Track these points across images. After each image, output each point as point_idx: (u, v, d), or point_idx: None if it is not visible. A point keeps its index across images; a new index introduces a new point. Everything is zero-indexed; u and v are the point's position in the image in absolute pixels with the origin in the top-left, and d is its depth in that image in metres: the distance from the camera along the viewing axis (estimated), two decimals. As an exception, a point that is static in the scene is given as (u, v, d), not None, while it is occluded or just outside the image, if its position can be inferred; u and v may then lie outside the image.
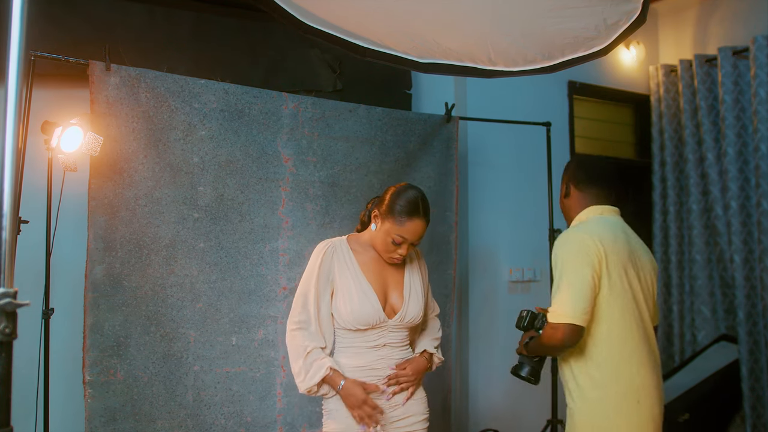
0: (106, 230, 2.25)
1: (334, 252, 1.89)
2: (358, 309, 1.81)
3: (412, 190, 1.86)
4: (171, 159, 2.38)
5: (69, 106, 2.41)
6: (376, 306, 1.83)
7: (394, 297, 1.90)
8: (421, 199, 1.84)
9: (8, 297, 0.85)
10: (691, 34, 4.13)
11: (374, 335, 1.85)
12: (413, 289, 1.93)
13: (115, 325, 2.25)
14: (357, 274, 1.87)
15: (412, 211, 1.81)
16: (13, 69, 0.87)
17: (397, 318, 1.87)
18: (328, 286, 1.87)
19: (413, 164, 2.93)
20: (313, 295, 1.85)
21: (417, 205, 1.82)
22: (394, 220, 1.82)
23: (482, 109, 3.39)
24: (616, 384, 1.82)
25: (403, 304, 1.89)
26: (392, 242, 1.83)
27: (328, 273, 1.87)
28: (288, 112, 2.62)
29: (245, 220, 2.51)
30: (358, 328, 1.83)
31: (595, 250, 1.81)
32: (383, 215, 1.86)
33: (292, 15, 1.44)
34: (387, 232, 1.84)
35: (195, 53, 2.87)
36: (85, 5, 2.69)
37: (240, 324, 2.46)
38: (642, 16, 1.86)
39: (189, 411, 2.35)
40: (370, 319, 1.82)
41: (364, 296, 1.83)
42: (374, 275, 1.89)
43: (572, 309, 1.76)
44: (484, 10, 1.80)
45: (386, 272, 1.93)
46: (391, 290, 1.91)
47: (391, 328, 1.87)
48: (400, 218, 1.81)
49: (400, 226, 1.81)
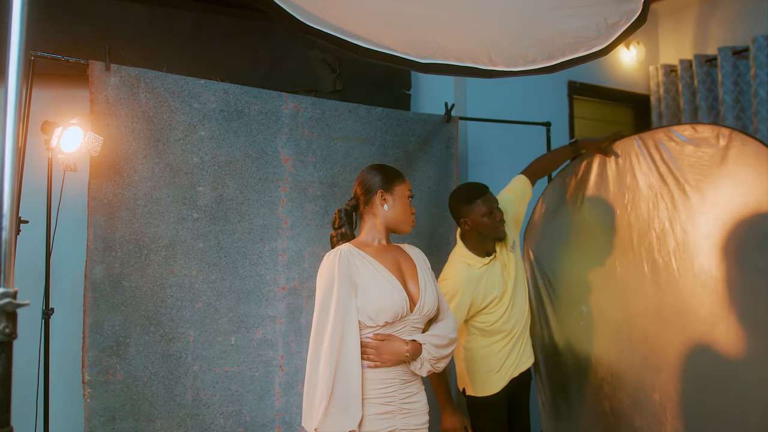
0: (106, 230, 2.25)
1: (348, 255, 1.84)
2: (387, 299, 1.79)
3: (378, 164, 2.05)
4: (171, 159, 2.38)
5: (69, 106, 2.41)
6: (402, 294, 1.82)
7: (413, 287, 1.89)
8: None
9: (8, 297, 0.85)
10: (691, 34, 4.13)
11: (396, 330, 1.82)
12: (427, 281, 1.92)
13: (114, 325, 2.25)
14: (378, 266, 1.85)
15: (399, 171, 2.02)
16: (13, 69, 0.87)
17: (417, 309, 1.85)
18: (352, 288, 1.80)
19: (413, 164, 2.93)
20: (333, 305, 1.78)
21: (394, 167, 2.05)
22: (399, 182, 1.96)
23: (482, 109, 3.39)
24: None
25: (421, 294, 1.87)
26: (409, 200, 1.97)
27: (349, 274, 1.81)
28: (287, 113, 2.62)
29: (244, 221, 2.51)
30: (386, 322, 1.80)
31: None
32: (389, 187, 1.94)
33: (292, 15, 1.44)
34: (402, 195, 1.95)
35: (195, 53, 2.87)
36: (85, 5, 2.69)
37: (239, 324, 2.46)
38: (642, 16, 1.86)
39: (188, 411, 2.35)
40: (399, 308, 1.80)
41: (391, 286, 1.82)
42: (392, 266, 1.89)
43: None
44: (484, 10, 1.81)
45: (401, 263, 1.93)
46: (409, 280, 1.90)
47: (411, 323, 1.85)
48: (401, 179, 1.98)
49: (404, 184, 1.98)
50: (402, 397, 1.84)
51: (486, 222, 2.35)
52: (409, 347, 1.81)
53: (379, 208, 1.92)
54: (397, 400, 1.83)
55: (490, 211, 2.36)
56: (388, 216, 1.92)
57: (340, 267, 1.80)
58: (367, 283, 1.81)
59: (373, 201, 1.93)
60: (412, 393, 1.87)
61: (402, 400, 1.84)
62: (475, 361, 2.46)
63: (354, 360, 1.76)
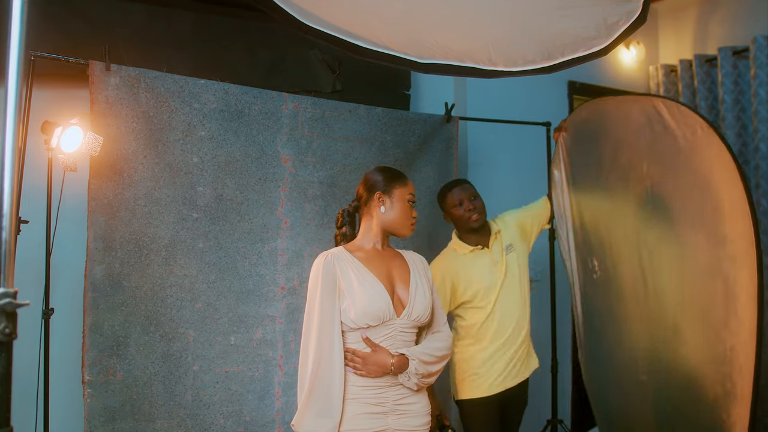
0: (106, 230, 2.25)
1: (335, 258, 1.85)
2: (369, 302, 1.78)
3: (383, 167, 2.04)
4: (170, 159, 2.39)
5: (69, 106, 2.41)
6: (386, 298, 1.81)
7: (401, 291, 1.88)
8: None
9: (8, 297, 0.85)
10: (691, 34, 4.13)
11: (383, 334, 1.81)
12: (419, 287, 1.90)
13: (114, 325, 2.25)
14: (363, 271, 1.85)
15: (402, 174, 2.00)
16: (13, 69, 0.87)
17: (405, 314, 1.84)
18: (335, 292, 1.82)
19: (413, 164, 2.93)
20: (317, 308, 1.80)
21: (399, 170, 2.03)
22: (400, 185, 1.94)
23: (482, 109, 3.39)
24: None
25: (410, 299, 1.86)
26: (409, 204, 1.94)
27: (333, 278, 1.82)
28: (287, 113, 2.62)
29: (244, 221, 2.51)
30: (369, 325, 1.79)
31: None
32: (388, 189, 1.93)
33: (292, 15, 1.44)
34: (401, 198, 1.93)
35: (195, 53, 2.87)
36: (85, 5, 2.69)
37: (239, 324, 2.46)
38: (642, 16, 1.86)
39: (188, 410, 2.35)
40: (381, 312, 1.79)
41: (373, 289, 1.81)
42: (380, 271, 1.87)
43: None
44: (484, 9, 1.81)
45: (392, 269, 1.91)
46: (398, 285, 1.89)
47: (399, 328, 1.83)
48: (402, 181, 1.96)
49: (405, 187, 1.95)
50: (395, 398, 1.83)
51: (456, 213, 2.50)
52: (395, 361, 1.79)
53: (377, 209, 1.92)
54: (390, 401, 1.82)
55: (460, 202, 2.49)
56: (384, 218, 1.92)
57: (324, 271, 1.83)
58: (351, 287, 1.81)
59: (371, 202, 1.93)
60: (406, 394, 1.85)
61: (396, 401, 1.83)
62: (460, 364, 2.48)
63: (336, 362, 1.77)
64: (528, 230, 2.68)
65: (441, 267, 2.47)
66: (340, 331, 1.80)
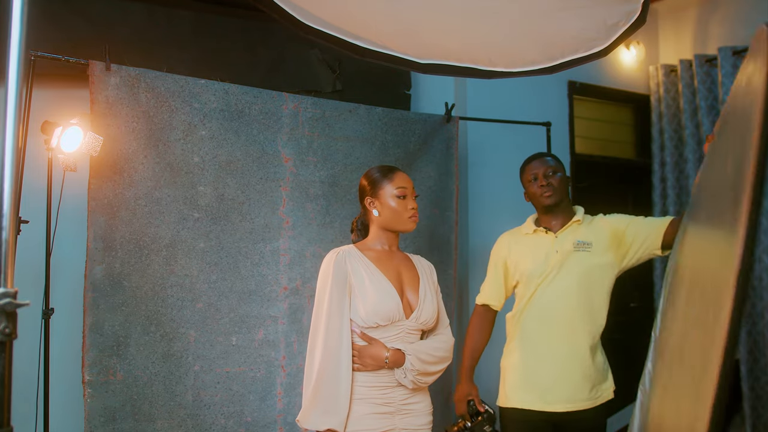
0: (106, 230, 2.25)
1: (346, 256, 1.87)
2: (380, 302, 1.81)
3: (369, 169, 2.03)
4: (171, 159, 2.39)
5: (69, 106, 2.42)
6: (396, 299, 1.83)
7: (411, 295, 1.90)
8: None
9: (8, 297, 0.85)
10: (691, 34, 4.13)
11: (392, 334, 1.83)
12: (428, 291, 1.94)
13: (114, 325, 2.25)
14: (374, 270, 1.87)
15: (391, 169, 1.97)
16: (13, 69, 0.87)
17: (413, 317, 1.86)
18: (346, 288, 1.84)
19: (413, 164, 2.93)
20: (326, 304, 1.81)
21: (390, 166, 2.01)
22: (384, 184, 1.93)
23: (482, 109, 3.39)
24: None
25: (419, 302, 1.88)
26: (399, 199, 1.91)
27: (344, 274, 1.84)
28: (288, 112, 2.62)
29: (245, 220, 2.51)
30: (378, 324, 1.81)
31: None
32: (374, 192, 1.93)
33: (292, 15, 1.44)
34: (389, 196, 1.92)
35: (195, 53, 2.87)
36: (84, 4, 2.69)
37: (240, 324, 2.46)
38: (642, 16, 1.86)
39: (189, 411, 2.35)
40: (391, 312, 1.81)
41: (384, 290, 1.83)
42: (389, 272, 1.89)
43: None
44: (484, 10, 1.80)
45: (402, 271, 1.94)
46: (407, 288, 1.91)
47: (407, 329, 1.86)
48: (388, 178, 1.93)
49: (392, 183, 1.93)
50: (402, 398, 1.85)
51: (530, 189, 2.32)
52: (390, 354, 1.80)
53: (372, 214, 1.95)
54: (397, 401, 1.84)
55: (534, 177, 2.30)
56: (381, 220, 1.94)
57: (336, 267, 1.84)
58: (362, 285, 1.83)
59: (366, 209, 1.97)
60: (411, 394, 1.87)
61: (402, 401, 1.85)
62: (504, 370, 2.33)
63: (344, 360, 1.78)
64: (624, 242, 2.22)
65: (498, 243, 2.43)
66: (349, 327, 1.82)
